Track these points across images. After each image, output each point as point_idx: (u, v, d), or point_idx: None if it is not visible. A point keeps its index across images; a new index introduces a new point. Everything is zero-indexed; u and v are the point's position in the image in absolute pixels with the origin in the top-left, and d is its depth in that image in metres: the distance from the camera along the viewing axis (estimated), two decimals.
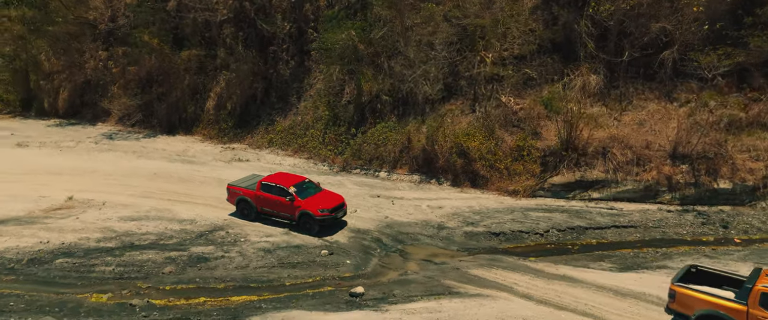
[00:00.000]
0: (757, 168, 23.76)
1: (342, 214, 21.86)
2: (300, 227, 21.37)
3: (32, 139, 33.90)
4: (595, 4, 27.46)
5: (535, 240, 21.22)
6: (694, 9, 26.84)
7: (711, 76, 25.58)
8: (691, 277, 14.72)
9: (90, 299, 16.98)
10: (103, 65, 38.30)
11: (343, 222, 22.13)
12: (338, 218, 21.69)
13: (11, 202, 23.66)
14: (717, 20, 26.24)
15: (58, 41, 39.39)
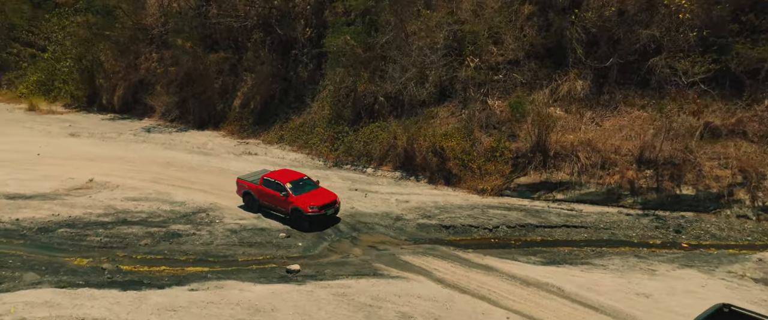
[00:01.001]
0: (724, 176, 23.79)
1: (333, 211, 22.89)
2: (292, 222, 22.88)
3: (84, 131, 38.52)
4: (578, 11, 28.13)
5: (482, 235, 22.48)
6: (681, 16, 26.98)
7: (687, 82, 25.63)
8: (721, 318, 12.33)
9: (73, 262, 20.07)
10: (155, 66, 42.58)
11: (337, 219, 23.38)
12: (328, 215, 22.70)
13: (43, 181, 27.60)
14: (713, 27, 26.27)
15: (118, 44, 44.11)
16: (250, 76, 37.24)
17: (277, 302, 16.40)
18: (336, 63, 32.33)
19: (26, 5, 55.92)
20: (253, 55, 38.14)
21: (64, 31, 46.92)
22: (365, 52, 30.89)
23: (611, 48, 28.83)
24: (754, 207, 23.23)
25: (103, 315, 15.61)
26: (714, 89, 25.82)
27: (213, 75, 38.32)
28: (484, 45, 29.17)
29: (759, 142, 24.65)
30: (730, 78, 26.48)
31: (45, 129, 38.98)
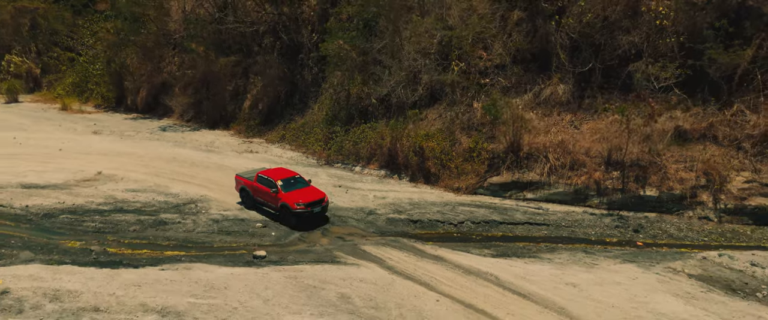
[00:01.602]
0: (688, 179, 24.37)
1: (319, 209, 23.46)
2: (281, 218, 23.85)
3: (106, 129, 41.35)
4: (558, 17, 29.07)
5: (446, 229, 23.71)
6: (658, 23, 27.67)
7: (658, 87, 26.28)
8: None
9: (67, 244, 22.21)
10: (175, 70, 45.25)
11: (326, 218, 24.25)
12: (315, 213, 23.37)
13: (57, 173, 30.15)
14: (692, 34, 26.88)
15: (143, 49, 47.00)
16: (258, 80, 39.18)
17: (232, 281, 18.09)
18: (334, 66, 33.94)
19: (67, 12, 59.70)
20: (262, 59, 40.18)
21: (95, 37, 50.11)
22: (359, 57, 32.36)
23: (593, 53, 29.53)
24: (715, 209, 23.71)
25: (76, 287, 17.58)
26: (695, 94, 26.33)
27: (225, 78, 40.52)
28: (468, 50, 30.21)
29: (728, 145, 25.02)
30: (709, 83, 26.96)
31: (72, 127, 41.98)
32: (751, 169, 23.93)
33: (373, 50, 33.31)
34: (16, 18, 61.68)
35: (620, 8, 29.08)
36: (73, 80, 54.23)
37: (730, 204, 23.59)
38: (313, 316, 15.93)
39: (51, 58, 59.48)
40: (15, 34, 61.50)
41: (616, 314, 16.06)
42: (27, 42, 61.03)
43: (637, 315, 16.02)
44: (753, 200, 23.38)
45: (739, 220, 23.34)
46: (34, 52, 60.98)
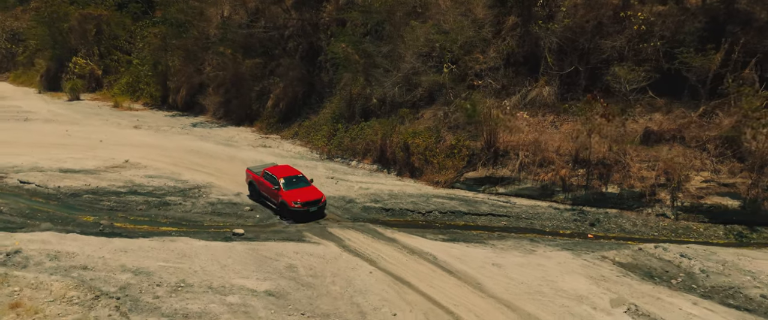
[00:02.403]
0: (649, 177, 25.52)
1: (315, 208, 24.77)
2: (280, 213, 25.54)
3: (146, 124, 45.66)
4: (541, 22, 30.66)
5: (414, 218, 25.84)
6: (635, 28, 28.89)
7: (628, 89, 27.50)
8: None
9: (82, 218, 25.82)
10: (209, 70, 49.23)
11: (322, 215, 25.46)
12: (310, 211, 24.61)
13: (92, 160, 34.17)
14: (672, 38, 28.04)
15: (185, 52, 51.29)
16: (280, 80, 42.35)
17: (202, 252, 20.96)
18: (342, 68, 36.62)
19: (128, 18, 65.18)
20: (285, 61, 43.37)
21: (144, 41, 54.96)
22: (362, 59, 34.89)
23: (578, 57, 30.91)
24: (673, 207, 24.76)
25: (74, 250, 20.88)
26: (677, 96, 27.39)
27: (251, 79, 43.95)
28: (458, 53, 32.16)
29: (695, 146, 25.99)
30: (689, 86, 27.96)
31: (117, 122, 46.55)
32: (711, 170, 24.79)
33: (380, 54, 35.61)
34: (83, 24, 67.68)
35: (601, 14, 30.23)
36: (127, 80, 59.38)
37: (687, 203, 24.55)
38: (257, 280, 18.53)
39: (111, 61, 65.02)
40: (81, 38, 67.52)
41: (521, 288, 17.83)
42: (91, 45, 66.90)
43: (540, 290, 17.72)
44: (709, 199, 24.27)
45: (695, 218, 24.27)
46: (97, 55, 66.77)
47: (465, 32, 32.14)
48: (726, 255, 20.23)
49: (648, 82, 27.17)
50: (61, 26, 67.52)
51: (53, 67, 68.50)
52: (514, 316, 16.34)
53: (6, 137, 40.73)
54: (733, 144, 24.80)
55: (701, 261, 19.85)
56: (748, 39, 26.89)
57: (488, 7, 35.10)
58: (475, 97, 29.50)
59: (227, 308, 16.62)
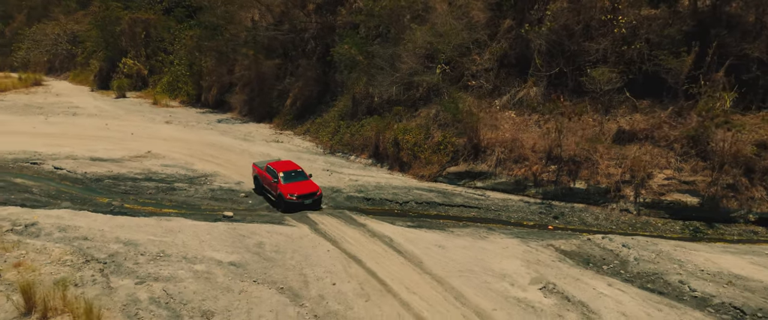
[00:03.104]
0: (615, 174, 26.75)
1: (310, 201, 26.18)
2: (277, 204, 27.32)
3: (176, 120, 49.36)
4: (528, 25, 32.17)
5: (391, 207, 27.87)
6: (616, 31, 30.11)
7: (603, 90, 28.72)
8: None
9: (98, 199, 29.15)
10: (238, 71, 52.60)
11: (318, 207, 26.89)
12: (304, 203, 26.07)
13: (120, 151, 37.77)
14: (665, 41, 29.15)
15: (217, 53, 54.92)
16: (297, 80, 45.13)
17: (188, 229, 23.66)
18: (348, 69, 39.03)
19: (173, 22, 69.63)
20: (303, 62, 46.14)
21: (180, 43, 59.00)
22: (365, 60, 37.19)
23: (566, 59, 32.26)
24: (635, 203, 25.92)
25: (80, 224, 23.98)
26: (658, 97, 28.53)
27: (272, 78, 46.95)
28: (450, 54, 33.98)
29: (664, 145, 27.06)
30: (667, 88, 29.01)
31: (152, 117, 50.47)
32: (675, 168, 25.81)
33: (383, 55, 37.77)
34: (133, 27, 72.77)
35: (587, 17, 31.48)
36: (168, 80, 63.67)
37: (649, 199, 25.65)
38: (226, 253, 21.05)
39: (157, 61, 69.64)
40: (131, 40, 72.61)
41: (455, 267, 19.63)
42: (139, 47, 71.83)
43: (471, 269, 19.49)
44: (670, 195, 25.32)
45: (655, 213, 25.36)
46: (144, 56, 71.65)
47: (458, 35, 33.76)
48: (666, 247, 21.39)
49: (623, 83, 28.11)
50: (114, 29, 72.64)
51: (105, 67, 73.76)
52: (439, 288, 18.21)
53: (53, 129, 45.13)
54: (697, 143, 25.67)
55: (639, 250, 21.10)
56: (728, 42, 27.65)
57: (489, 10, 36.67)
58: (456, 95, 31.15)
59: (192, 274, 19.18)
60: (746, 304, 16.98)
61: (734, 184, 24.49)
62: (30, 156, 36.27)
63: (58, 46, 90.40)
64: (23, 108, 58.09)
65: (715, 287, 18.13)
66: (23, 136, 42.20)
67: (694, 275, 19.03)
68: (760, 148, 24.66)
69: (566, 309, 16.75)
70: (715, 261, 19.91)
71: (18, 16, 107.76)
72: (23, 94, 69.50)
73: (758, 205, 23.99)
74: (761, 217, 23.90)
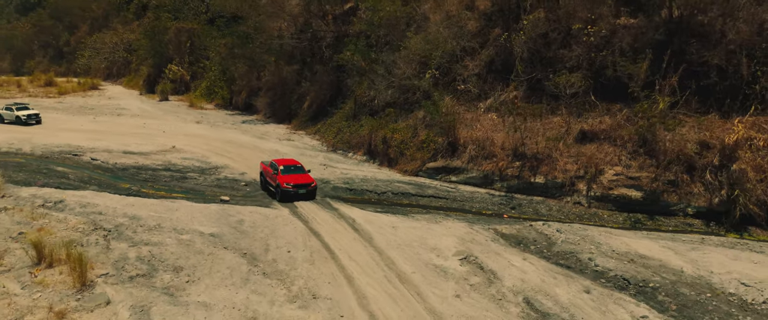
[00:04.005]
0: (571, 170, 29.29)
1: (304, 191, 28.81)
2: (276, 194, 30.91)
3: (206, 120, 54.17)
4: (507, 34, 35.01)
5: (370, 196, 31.15)
6: (585, 39, 32.67)
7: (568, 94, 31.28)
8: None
9: (121, 185, 33.66)
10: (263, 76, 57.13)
11: (312, 197, 29.54)
12: (299, 193, 28.78)
13: (149, 145, 42.56)
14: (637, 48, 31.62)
15: (249, 60, 59.65)
16: (312, 85, 49.12)
17: (184, 209, 27.63)
18: (354, 74, 42.67)
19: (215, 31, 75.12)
20: (321, 68, 50.11)
21: (215, 51, 64.13)
22: (367, 65, 40.75)
23: (544, 66, 34.94)
24: (587, 197, 28.38)
25: (99, 202, 28.32)
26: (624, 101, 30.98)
27: (292, 83, 51.13)
28: (441, 62, 37.12)
29: (620, 145, 29.44)
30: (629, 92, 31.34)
31: (184, 118, 55.49)
32: (624, 165, 28.16)
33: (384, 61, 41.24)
34: (179, 36, 78.77)
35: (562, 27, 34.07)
36: (206, 84, 68.95)
37: (599, 193, 28.06)
38: (210, 227, 24.84)
39: (198, 68, 75.24)
40: (176, 48, 78.61)
41: (397, 242, 22.73)
42: (183, 54, 77.72)
43: (409, 244, 22.55)
44: (617, 190, 27.68)
45: (604, 206, 27.75)
46: (187, 63, 77.46)
47: (448, 43, 36.87)
48: (594, 233, 23.92)
49: (589, 87, 30.59)
50: (162, 38, 78.77)
51: (153, 73, 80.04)
52: (376, 257, 21.41)
53: (99, 127, 50.64)
54: (645, 143, 27.96)
55: (568, 234, 23.71)
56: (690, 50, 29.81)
57: (482, 19, 39.65)
58: (437, 97, 34.21)
59: (177, 241, 23.04)
60: (634, 276, 19.47)
61: (675, 180, 26.56)
62: (73, 148, 41.34)
63: (115, 53, 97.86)
64: (77, 109, 64.41)
65: (617, 263, 20.62)
66: (72, 132, 47.69)
67: (604, 254, 21.53)
68: (701, 148, 26.63)
69: (474, 274, 19.67)
70: (629, 245, 22.32)
71: (82, 27, 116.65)
72: (80, 96, 76.38)
73: (696, 200, 25.99)
74: (698, 211, 25.85)
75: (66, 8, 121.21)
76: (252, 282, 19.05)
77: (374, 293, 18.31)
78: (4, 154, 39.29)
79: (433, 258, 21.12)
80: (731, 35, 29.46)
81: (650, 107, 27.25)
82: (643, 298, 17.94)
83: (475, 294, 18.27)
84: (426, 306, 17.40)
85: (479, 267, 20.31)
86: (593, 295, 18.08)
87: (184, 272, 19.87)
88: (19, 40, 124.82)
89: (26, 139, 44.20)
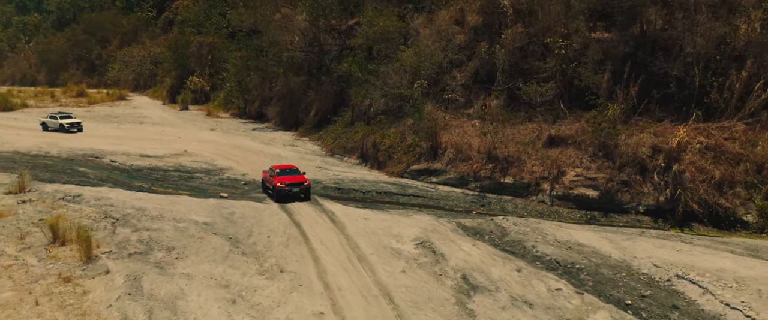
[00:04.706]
0: (537, 171, 31.95)
1: (298, 190, 30.82)
2: (273, 195, 33.97)
3: (220, 128, 57.93)
4: (488, 47, 37.91)
5: (355, 195, 34.12)
6: (556, 52, 35.41)
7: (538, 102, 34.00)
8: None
9: (134, 183, 37.29)
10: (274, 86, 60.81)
11: (307, 197, 31.73)
12: (292, 192, 30.79)
13: (163, 150, 46.29)
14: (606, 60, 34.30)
15: (262, 71, 63.46)
16: (316, 95, 52.54)
17: (184, 202, 30.97)
18: (353, 84, 45.93)
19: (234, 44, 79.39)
20: (326, 79, 53.54)
21: (231, 63, 68.16)
22: (363, 76, 43.97)
23: (523, 77, 37.72)
24: (551, 196, 30.97)
25: (111, 196, 31.87)
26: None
27: (299, 93, 54.65)
28: (429, 73, 40.13)
29: (584, 149, 32.03)
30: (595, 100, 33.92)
31: (200, 126, 59.36)
32: (585, 166, 30.73)
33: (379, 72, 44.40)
34: (200, 49, 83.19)
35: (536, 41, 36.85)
36: (223, 95, 73.01)
37: (560, 192, 30.62)
38: (203, 216, 28.09)
39: (218, 79, 79.44)
40: (197, 61, 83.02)
41: (365, 230, 25.63)
42: (204, 67, 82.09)
43: (375, 232, 25.48)
44: (577, 189, 30.23)
45: (565, 204, 30.29)
46: (208, 75, 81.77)
47: (436, 55, 39.91)
48: (545, 226, 26.50)
49: (559, 96, 33.26)
50: (185, 51, 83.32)
51: (176, 84, 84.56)
52: (343, 242, 24.36)
53: (121, 133, 54.75)
54: (604, 147, 30.51)
55: (521, 227, 26.36)
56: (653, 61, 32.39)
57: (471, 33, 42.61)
58: (421, 105, 37.18)
59: (174, 227, 26.34)
60: (565, 260, 22.08)
61: (628, 181, 29.02)
62: (95, 152, 45.30)
63: (142, 66, 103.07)
64: (104, 117, 68.95)
65: (555, 250, 23.24)
66: (96, 138, 51.83)
67: (547, 243, 24.16)
68: (653, 151, 29.11)
69: (425, 256, 22.51)
70: (573, 236, 24.90)
71: (113, 41, 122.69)
72: (108, 106, 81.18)
73: (646, 198, 28.39)
74: (648, 209, 28.23)
75: (99, 23, 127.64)
76: (231, 259, 22.18)
77: (333, 269, 21.27)
78: (33, 157, 43.34)
79: (392, 242, 23.99)
80: (689, 48, 31.71)
81: (600, 114, 29.73)
82: (566, 277, 20.55)
83: (420, 270, 21.09)
84: (374, 279, 20.30)
85: (431, 250, 23.12)
86: (522, 273, 20.76)
87: (175, 251, 23.10)
88: (54, 53, 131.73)
89: (54, 144, 48.37)
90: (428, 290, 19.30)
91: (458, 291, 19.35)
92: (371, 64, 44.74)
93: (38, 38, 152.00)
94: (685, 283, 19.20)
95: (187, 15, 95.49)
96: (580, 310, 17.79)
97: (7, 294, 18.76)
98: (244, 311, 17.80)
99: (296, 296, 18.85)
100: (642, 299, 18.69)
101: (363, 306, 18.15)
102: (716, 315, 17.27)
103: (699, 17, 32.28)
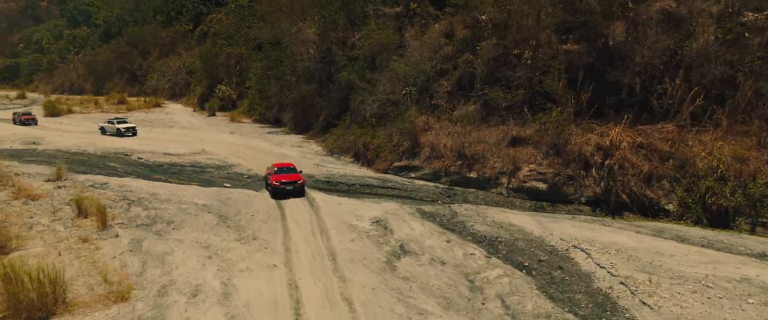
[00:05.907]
0: (497, 167, 36.19)
1: (291, 187, 33.39)
2: (270, 190, 40.29)
3: (239, 131, 63.61)
4: (466, 57, 42.35)
5: (341, 187, 38.88)
6: (523, 62, 39.66)
7: (503, 106, 38.26)
8: None
9: (155, 176, 42.92)
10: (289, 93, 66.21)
11: (301, 194, 37.02)
12: (287, 189, 33.30)
13: (184, 149, 52.02)
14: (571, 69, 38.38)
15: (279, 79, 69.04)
16: (324, 102, 57.67)
17: (191, 190, 36.25)
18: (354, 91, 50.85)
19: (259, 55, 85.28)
20: (334, 86, 58.65)
21: (253, 72, 73.98)
22: (360, 83, 48.86)
23: (498, 84, 42.01)
24: (507, 188, 35.13)
25: (133, 184, 37.41)
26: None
27: (310, 100, 59.88)
28: (417, 80, 44.75)
29: (540, 147, 36.14)
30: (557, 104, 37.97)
31: (222, 130, 65.11)
32: (537, 163, 34.84)
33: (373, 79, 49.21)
34: (228, 60, 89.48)
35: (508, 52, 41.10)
36: (248, 102, 78.90)
37: (516, 185, 34.77)
38: (203, 200, 33.27)
39: (244, 88, 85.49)
40: (226, 70, 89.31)
41: (334, 211, 30.35)
42: (232, 76, 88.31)
43: (341, 212, 30.19)
44: (529, 183, 34.35)
45: (519, 196, 34.40)
46: (235, 83, 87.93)
47: (423, 65, 44.52)
48: (491, 212, 30.69)
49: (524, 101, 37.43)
50: (215, 62, 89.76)
51: (206, 92, 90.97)
52: (313, 220, 29.11)
53: (151, 135, 60.83)
54: (555, 145, 34.57)
55: (470, 212, 30.68)
56: (607, 70, 36.30)
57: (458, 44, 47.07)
58: (404, 109, 41.76)
59: (177, 208, 31.57)
60: (492, 235, 26.31)
61: (573, 175, 32.99)
62: (126, 151, 51.22)
63: (178, 76, 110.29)
64: (139, 122, 75.43)
65: (488, 228, 27.50)
66: (129, 139, 57.93)
67: (484, 223, 28.42)
68: (597, 149, 33.04)
69: (375, 230, 27.07)
70: (509, 219, 29.06)
71: (153, 52, 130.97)
72: (144, 112, 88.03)
73: (587, 190, 32.31)
74: (588, 199, 32.14)
75: (141, 36, 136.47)
76: (216, 230, 27.17)
77: (296, 238, 26.02)
78: (72, 154, 49.47)
79: (353, 220, 28.61)
80: (637, 59, 35.58)
81: (545, 115, 33.82)
82: (485, 246, 24.82)
83: (366, 240, 25.68)
84: (327, 245, 24.96)
85: (384, 227, 27.66)
86: (450, 244, 25.12)
87: (173, 224, 28.22)
88: (100, 64, 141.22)
89: (91, 143, 54.62)
90: (366, 252, 23.85)
91: (391, 254, 23.84)
92: (372, 73, 49.48)
93: (86, 50, 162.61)
94: (578, 252, 23.23)
95: (219, 28, 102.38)
96: (481, 268, 22.07)
97: (39, 249, 24.08)
98: (216, 263, 22.67)
99: (260, 255, 23.64)
100: (539, 263, 22.83)
101: (309, 261, 22.83)
102: (588, 272, 21.34)
103: (649, 31, 35.95)
